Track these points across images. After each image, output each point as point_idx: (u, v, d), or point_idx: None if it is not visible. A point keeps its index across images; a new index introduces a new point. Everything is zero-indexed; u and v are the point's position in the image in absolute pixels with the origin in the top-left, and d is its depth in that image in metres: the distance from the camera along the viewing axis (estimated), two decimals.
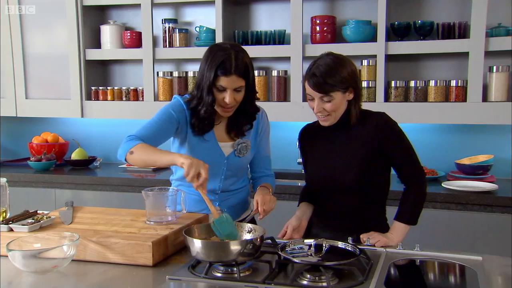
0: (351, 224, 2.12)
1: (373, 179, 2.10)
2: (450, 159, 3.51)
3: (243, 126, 2.19)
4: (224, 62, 2.00)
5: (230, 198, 2.27)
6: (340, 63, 2.02)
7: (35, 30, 3.99)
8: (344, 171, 2.09)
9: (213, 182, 2.18)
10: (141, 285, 1.64)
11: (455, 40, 3.23)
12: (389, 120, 2.12)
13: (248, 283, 1.58)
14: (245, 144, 2.21)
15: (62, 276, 1.68)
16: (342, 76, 2.00)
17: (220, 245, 1.65)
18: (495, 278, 1.70)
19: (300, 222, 2.18)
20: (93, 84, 3.97)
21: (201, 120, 2.11)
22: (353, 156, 2.09)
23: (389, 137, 2.08)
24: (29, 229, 1.83)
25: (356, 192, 2.10)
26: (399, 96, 3.36)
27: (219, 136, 2.19)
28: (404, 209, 2.09)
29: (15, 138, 4.46)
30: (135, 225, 1.94)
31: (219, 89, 2.04)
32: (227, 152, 2.19)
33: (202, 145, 2.16)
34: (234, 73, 2.01)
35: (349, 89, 2.05)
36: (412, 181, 2.12)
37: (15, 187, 3.77)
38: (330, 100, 2.02)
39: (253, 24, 3.81)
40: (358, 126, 2.10)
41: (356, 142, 2.09)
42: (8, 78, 4.07)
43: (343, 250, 1.77)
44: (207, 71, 2.04)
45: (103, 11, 4.08)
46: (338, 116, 2.09)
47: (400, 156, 2.11)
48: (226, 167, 2.20)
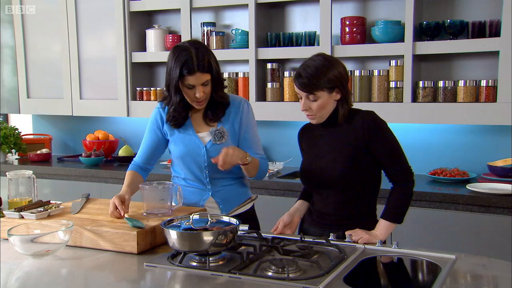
0: (337, 221, 2.17)
1: (358, 176, 2.13)
2: (483, 161, 3.43)
3: (216, 112, 2.32)
4: (187, 62, 2.15)
5: (222, 190, 2.39)
6: (326, 64, 2.09)
7: (88, 35, 4.29)
8: (329, 167, 2.15)
9: (198, 170, 2.35)
10: (121, 270, 1.80)
11: (484, 39, 3.16)
12: (376, 118, 2.15)
13: (215, 272, 1.69)
14: (219, 131, 2.32)
15: (59, 259, 1.87)
16: (327, 77, 2.07)
17: (194, 236, 1.77)
18: (459, 274, 1.71)
19: (292, 219, 2.26)
20: (138, 85, 4.21)
21: (173, 116, 2.31)
22: (339, 153, 2.15)
23: (374, 134, 2.11)
24: (37, 217, 2.04)
25: (341, 189, 2.15)
26: (427, 96, 3.33)
27: (197, 127, 2.35)
28: (389, 207, 2.12)
29: (73, 135, 4.80)
30: (134, 216, 2.10)
31: (188, 87, 2.20)
32: (206, 141, 2.33)
33: (181, 137, 2.34)
34: (198, 71, 2.16)
35: (335, 90, 2.11)
36: (397, 180, 2.14)
37: (67, 180, 4.10)
38: (315, 99, 2.10)
39: (288, 25, 3.89)
40: (346, 124, 2.16)
41: (343, 139, 2.15)
42: (65, 80, 4.40)
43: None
44: (173, 72, 2.20)
45: (150, 16, 4.31)
46: (325, 115, 2.15)
47: (386, 154, 2.12)
48: (206, 155, 2.32)
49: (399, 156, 2.14)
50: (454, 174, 3.33)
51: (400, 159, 2.14)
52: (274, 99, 3.74)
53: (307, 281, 1.60)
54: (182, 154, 2.35)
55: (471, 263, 1.81)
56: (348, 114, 2.15)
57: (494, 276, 1.72)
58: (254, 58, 3.72)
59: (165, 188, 2.13)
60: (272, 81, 3.75)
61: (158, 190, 2.12)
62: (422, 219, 3.05)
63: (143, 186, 2.13)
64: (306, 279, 1.61)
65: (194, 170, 2.35)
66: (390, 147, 2.13)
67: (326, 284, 1.58)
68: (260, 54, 3.72)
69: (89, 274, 1.77)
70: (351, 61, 3.69)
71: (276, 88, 3.75)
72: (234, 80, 3.86)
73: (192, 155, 2.31)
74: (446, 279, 1.63)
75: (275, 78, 3.76)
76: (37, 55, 4.54)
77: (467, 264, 1.79)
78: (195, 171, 2.36)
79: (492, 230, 2.91)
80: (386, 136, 2.13)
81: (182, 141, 2.35)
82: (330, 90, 2.09)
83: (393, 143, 2.14)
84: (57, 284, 1.71)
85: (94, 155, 4.16)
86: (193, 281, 1.67)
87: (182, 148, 2.32)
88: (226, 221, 1.90)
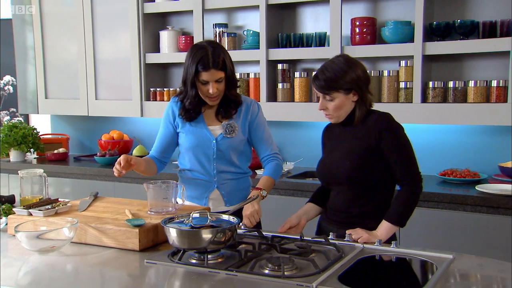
0: (347, 218, 2.20)
1: (366, 175, 2.15)
2: (495, 162, 3.40)
3: (229, 110, 2.44)
4: (203, 59, 2.29)
5: (227, 183, 2.48)
6: (344, 67, 2.13)
7: (104, 37, 4.37)
8: (338, 164, 2.21)
9: (207, 162, 2.45)
10: (123, 266, 1.85)
11: (495, 39, 3.15)
12: (390, 120, 2.18)
13: (212, 269, 1.73)
14: (231, 125, 2.43)
15: (64, 255, 1.93)
16: (344, 80, 2.12)
17: (193, 234, 1.81)
18: (454, 274, 1.72)
19: (299, 221, 2.30)
20: (152, 85, 4.27)
21: (187, 110, 2.42)
22: (350, 151, 2.19)
23: (385, 135, 2.13)
24: (44, 214, 2.10)
25: (349, 186, 2.19)
26: (436, 97, 3.32)
27: (208, 120, 2.46)
28: (393, 210, 2.13)
29: (89, 134, 4.89)
30: (138, 214, 2.14)
31: (203, 82, 2.33)
32: (216, 134, 2.44)
33: (192, 130, 2.45)
34: (212, 67, 2.29)
35: (352, 91, 2.14)
36: (404, 183, 2.15)
37: (82, 179, 4.18)
38: (332, 100, 2.15)
39: (299, 26, 3.91)
40: (362, 123, 2.19)
41: (356, 138, 2.19)
42: (81, 81, 4.48)
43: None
44: (189, 68, 2.33)
45: (164, 17, 4.37)
46: (343, 115, 2.19)
47: (395, 157, 2.14)
48: (216, 147, 2.43)
49: (408, 160, 2.14)
50: (464, 175, 3.31)
51: (409, 163, 2.14)
52: (284, 100, 3.77)
53: (301, 278, 1.63)
54: (193, 145, 2.45)
55: (468, 263, 1.82)
56: (365, 115, 2.18)
57: (488, 276, 1.73)
58: (265, 58, 3.74)
59: (169, 187, 2.17)
60: (282, 82, 3.78)
61: (161, 189, 2.16)
62: (430, 220, 3.05)
63: (147, 185, 2.17)
64: (301, 277, 1.64)
65: (203, 161, 2.45)
66: (399, 150, 2.13)
67: (320, 282, 1.60)
68: (271, 55, 3.75)
69: (92, 270, 1.82)
70: (361, 61, 3.66)
71: (286, 88, 3.77)
72: (246, 80, 3.89)
73: (202, 147, 2.43)
74: (439, 278, 1.64)
75: (285, 78, 3.79)
76: (55, 56, 4.63)
77: (464, 264, 1.80)
78: (203, 163, 2.45)
79: (501, 231, 2.89)
80: (397, 139, 2.14)
81: (193, 133, 2.45)
82: (347, 91, 2.13)
83: (403, 146, 2.14)
84: (61, 280, 1.77)
85: (109, 154, 4.23)
86: (191, 277, 1.71)
87: (192, 139, 2.43)
88: (226, 219, 1.94)
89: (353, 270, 1.75)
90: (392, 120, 2.19)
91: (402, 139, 2.16)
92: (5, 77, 5.46)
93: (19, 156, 4.53)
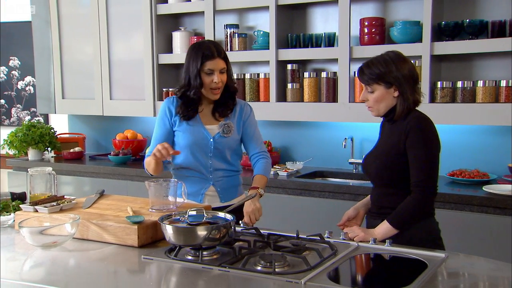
0: (377, 212, 2.25)
1: (392, 173, 2.19)
2: (505, 163, 3.38)
3: (226, 105, 2.54)
4: (208, 49, 2.43)
5: (222, 180, 2.56)
6: (389, 61, 2.17)
7: (118, 38, 4.45)
8: (372, 162, 2.27)
9: (204, 160, 2.52)
10: (121, 262, 1.90)
11: (503, 39, 3.13)
12: (422, 123, 2.16)
13: (206, 265, 1.77)
14: (228, 125, 2.52)
15: (66, 251, 1.99)
16: (384, 74, 2.15)
17: (188, 230, 1.85)
18: (443, 272, 1.74)
19: (358, 212, 2.37)
20: (165, 86, 4.33)
21: (188, 105, 2.48)
22: (382, 148, 2.26)
23: (412, 134, 2.13)
24: (49, 211, 2.17)
25: (378, 182, 2.26)
26: (445, 97, 3.31)
27: (205, 120, 2.53)
28: (396, 213, 2.13)
29: (105, 134, 4.97)
30: (140, 212, 2.20)
31: (207, 73, 2.42)
32: (213, 133, 2.52)
33: (190, 128, 2.51)
34: (218, 56, 2.42)
35: (393, 87, 2.17)
36: (416, 190, 2.13)
37: (96, 177, 4.27)
38: (372, 92, 2.20)
39: (309, 27, 3.93)
40: (400, 122, 2.20)
41: (391, 135, 2.23)
42: (96, 81, 4.57)
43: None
44: (193, 61, 2.44)
45: (177, 18, 4.43)
46: (382, 109, 2.22)
47: (414, 161, 2.13)
48: (213, 145, 2.51)
49: (426, 169, 2.12)
50: (473, 175, 3.30)
51: (426, 172, 2.12)
52: (294, 100, 3.79)
53: (291, 275, 1.66)
54: (190, 143, 2.51)
55: (461, 261, 1.83)
56: (407, 113, 2.18)
57: (476, 274, 1.75)
58: (275, 59, 3.77)
59: (170, 185, 2.22)
60: (292, 82, 3.80)
61: (162, 187, 2.21)
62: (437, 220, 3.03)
63: (149, 183, 2.22)
64: (291, 274, 1.67)
65: (200, 159, 2.52)
66: (421, 156, 2.12)
67: (309, 279, 1.63)
68: (280, 55, 3.78)
69: (92, 265, 1.88)
70: None
71: (296, 88, 3.79)
72: (256, 81, 3.93)
73: (199, 145, 2.50)
74: (428, 276, 1.66)
75: (295, 79, 3.81)
76: (72, 57, 4.73)
77: (456, 263, 1.82)
78: (201, 160, 2.52)
79: (507, 231, 2.87)
80: (423, 144, 2.12)
81: (190, 131, 2.51)
82: (387, 85, 2.16)
83: (426, 154, 2.12)
84: (61, 274, 1.82)
85: (122, 153, 4.31)
86: (185, 273, 1.75)
87: (190, 138, 2.50)
88: (221, 217, 1.98)
89: (345, 267, 1.78)
90: (425, 124, 2.17)
91: (427, 146, 2.13)
92: (26, 78, 5.59)
93: (36, 154, 4.63)
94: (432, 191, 2.15)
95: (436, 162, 2.16)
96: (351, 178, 3.76)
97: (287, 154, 4.11)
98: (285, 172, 3.66)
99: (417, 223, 2.14)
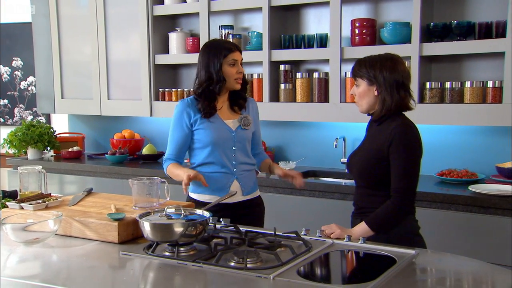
0: (358, 212, 2.29)
1: (373, 175, 2.23)
2: (494, 163, 3.40)
3: (242, 97, 2.69)
4: (227, 43, 2.63)
5: (243, 174, 2.67)
6: (376, 60, 2.22)
7: (116, 38, 4.51)
8: (355, 163, 2.31)
9: (228, 154, 2.62)
10: (100, 258, 1.95)
11: (491, 40, 3.16)
12: (406, 131, 2.19)
13: (181, 261, 1.82)
14: (247, 117, 2.67)
15: (49, 247, 2.05)
16: (368, 70, 2.21)
17: (165, 227, 1.90)
18: (412, 267, 1.78)
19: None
20: (161, 86, 4.39)
21: (210, 100, 2.58)
22: (366, 149, 2.30)
23: (396, 142, 2.16)
24: (34, 208, 2.22)
25: (359, 182, 2.30)
26: (434, 97, 3.34)
27: (223, 116, 2.64)
28: (374, 215, 2.18)
29: (103, 133, 5.04)
30: (123, 209, 2.25)
31: (232, 63, 2.56)
32: (234, 127, 2.64)
33: (211, 125, 2.60)
34: (237, 50, 2.60)
35: (374, 85, 2.21)
36: (394, 195, 2.17)
37: (94, 177, 4.33)
38: (358, 86, 2.27)
39: (303, 28, 3.97)
40: (386, 124, 2.24)
41: (375, 138, 2.27)
42: (94, 81, 4.64)
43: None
44: (213, 57, 2.55)
45: (173, 19, 4.48)
46: (365, 106, 2.28)
47: (395, 168, 2.17)
48: (235, 139, 2.63)
49: (407, 177, 2.16)
50: (461, 175, 3.33)
51: (405, 179, 2.16)
52: (286, 100, 3.83)
53: (262, 270, 1.71)
54: (215, 139, 2.59)
55: (429, 258, 1.88)
56: (393, 117, 2.22)
57: (443, 269, 1.82)
58: (268, 59, 3.82)
59: (152, 183, 2.27)
60: (285, 82, 3.84)
61: (145, 185, 2.26)
62: (422, 219, 3.06)
63: (132, 181, 2.28)
64: (262, 269, 1.72)
65: (225, 153, 2.61)
66: (401, 163, 2.15)
67: (278, 274, 1.68)
68: (273, 55, 3.82)
69: (71, 260, 1.93)
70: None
71: (289, 89, 3.83)
72: (249, 81, 3.97)
73: (223, 139, 2.60)
74: (394, 271, 1.71)
75: (287, 79, 3.85)
76: (71, 57, 4.79)
77: (424, 259, 1.87)
78: (224, 156, 2.61)
79: (491, 231, 2.90)
80: (406, 153, 2.16)
81: (213, 128, 2.60)
82: (369, 83, 2.21)
83: (408, 163, 2.16)
84: (36, 269, 1.88)
85: (119, 153, 4.37)
86: (161, 269, 1.81)
87: (213, 134, 2.58)
88: (199, 214, 2.02)
89: (316, 263, 1.82)
90: (409, 131, 2.20)
91: (409, 153, 2.17)
92: (29, 78, 5.68)
93: (36, 154, 4.71)
94: (411, 198, 2.19)
95: (417, 170, 2.20)
96: (343, 178, 3.79)
97: (281, 154, 4.15)
98: None
99: (394, 227, 2.17)
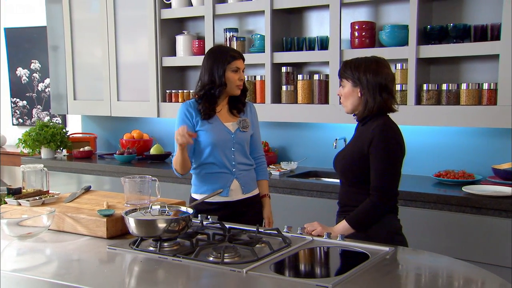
0: (343, 212, 2.35)
1: (355, 174, 2.29)
2: (490, 164, 3.42)
3: (241, 102, 2.78)
4: (233, 51, 2.74)
5: (242, 174, 2.76)
6: (361, 62, 2.29)
7: (125, 41, 4.63)
8: (339, 162, 2.38)
9: (227, 155, 2.71)
10: (88, 252, 2.05)
11: (486, 43, 3.18)
12: (385, 130, 2.24)
13: (161, 255, 1.91)
14: (245, 120, 2.76)
15: (42, 241, 2.15)
16: (353, 71, 2.27)
17: (149, 223, 1.99)
18: (384, 263, 1.84)
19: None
20: (168, 87, 4.49)
21: (210, 102, 2.69)
22: (349, 148, 2.37)
23: (375, 141, 2.22)
24: (31, 204, 2.34)
25: (342, 181, 2.36)
26: (430, 99, 3.38)
27: (223, 119, 2.74)
28: (354, 213, 2.24)
29: (114, 134, 5.17)
30: (115, 206, 2.35)
31: (235, 70, 2.68)
32: (233, 129, 2.74)
33: (211, 127, 2.70)
34: (240, 58, 2.72)
35: (358, 87, 2.28)
36: (373, 193, 2.23)
37: (103, 176, 4.46)
38: (343, 87, 2.34)
39: (305, 30, 4.03)
40: (369, 125, 2.30)
41: (359, 138, 2.33)
42: (105, 83, 4.77)
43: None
44: (218, 62, 2.66)
45: (181, 22, 4.58)
46: (349, 106, 2.35)
47: (375, 164, 2.23)
48: (234, 140, 2.72)
49: (385, 175, 2.21)
50: (458, 176, 3.35)
51: (385, 179, 2.21)
52: (288, 101, 3.90)
53: (237, 265, 1.78)
54: (215, 141, 2.69)
55: (403, 255, 1.94)
56: (376, 118, 2.28)
57: (418, 266, 1.89)
58: (270, 62, 3.89)
59: (143, 181, 2.36)
60: (286, 84, 3.91)
61: (136, 183, 2.36)
62: (415, 219, 3.11)
63: (124, 179, 2.37)
64: (237, 263, 1.79)
65: (225, 154, 2.71)
66: (380, 163, 2.21)
67: (251, 268, 1.75)
68: (276, 58, 3.89)
69: (60, 254, 2.04)
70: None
71: (290, 91, 3.90)
72: (252, 83, 4.05)
73: (223, 141, 2.70)
74: (365, 266, 1.77)
75: (289, 81, 3.92)
76: (83, 60, 4.94)
77: (399, 256, 1.92)
78: (224, 156, 2.70)
79: (483, 231, 2.93)
80: (385, 153, 2.21)
81: (212, 129, 2.70)
82: (354, 84, 2.28)
83: (387, 162, 2.21)
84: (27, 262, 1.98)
85: (127, 153, 4.49)
86: (143, 263, 1.90)
87: (213, 135, 2.68)
88: (182, 210, 2.11)
89: (292, 259, 1.89)
90: (388, 131, 2.25)
91: (388, 152, 2.22)
92: (46, 80, 5.85)
93: (49, 153, 4.85)
94: (390, 197, 2.24)
95: (397, 170, 2.25)
96: None
97: (284, 154, 4.22)
98: (278, 172, 3.77)
99: (372, 225, 2.22)
